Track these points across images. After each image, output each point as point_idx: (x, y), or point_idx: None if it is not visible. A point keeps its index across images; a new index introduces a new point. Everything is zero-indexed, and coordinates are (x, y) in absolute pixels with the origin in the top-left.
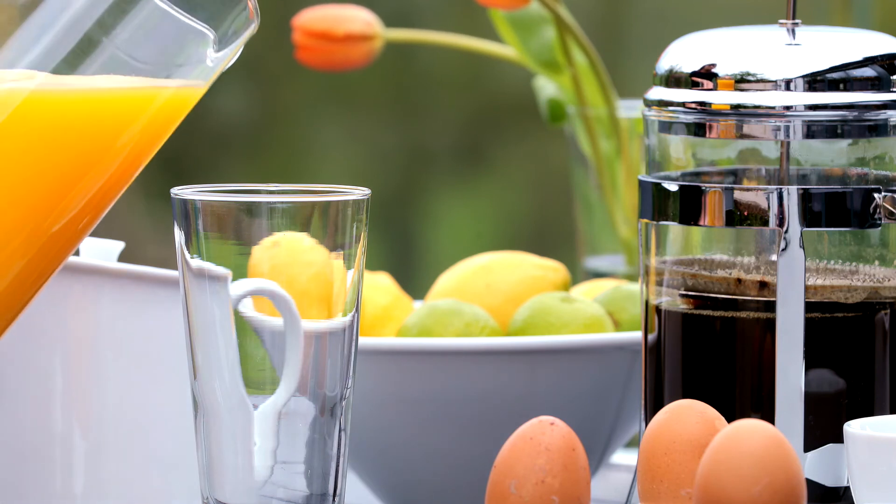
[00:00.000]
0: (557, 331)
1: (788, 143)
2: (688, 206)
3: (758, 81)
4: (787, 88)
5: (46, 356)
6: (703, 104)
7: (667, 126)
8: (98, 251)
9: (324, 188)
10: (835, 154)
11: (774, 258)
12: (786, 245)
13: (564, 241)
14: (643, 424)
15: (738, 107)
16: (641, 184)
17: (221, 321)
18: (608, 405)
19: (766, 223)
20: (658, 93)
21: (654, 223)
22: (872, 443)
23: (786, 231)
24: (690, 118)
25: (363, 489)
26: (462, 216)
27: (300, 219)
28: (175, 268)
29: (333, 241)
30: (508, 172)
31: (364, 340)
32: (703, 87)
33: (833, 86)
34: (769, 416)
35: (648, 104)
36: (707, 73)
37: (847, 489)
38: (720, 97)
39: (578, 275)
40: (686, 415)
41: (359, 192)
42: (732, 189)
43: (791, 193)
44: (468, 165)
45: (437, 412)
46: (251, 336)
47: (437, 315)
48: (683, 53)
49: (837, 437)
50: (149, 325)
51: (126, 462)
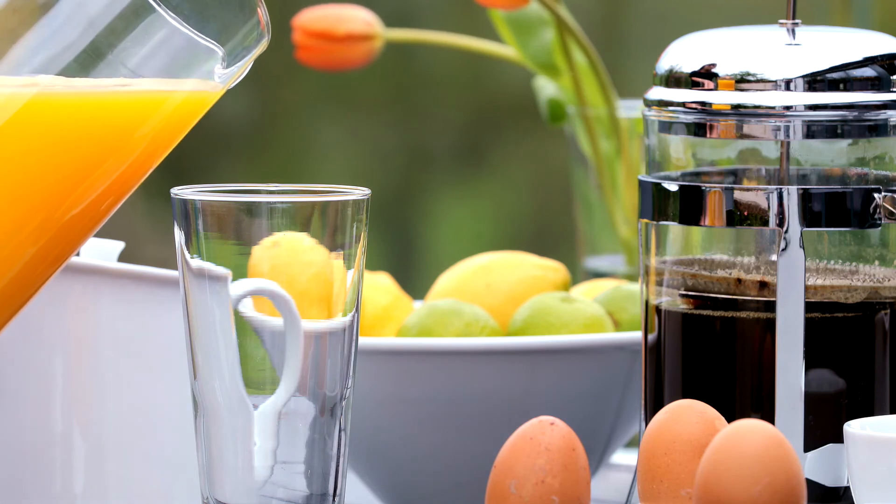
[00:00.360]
0: (557, 331)
1: (788, 143)
2: (688, 206)
3: (758, 81)
4: (787, 88)
5: (46, 356)
6: (703, 104)
7: (667, 126)
8: (98, 251)
9: (324, 188)
10: (835, 154)
11: (774, 258)
12: (786, 245)
13: (564, 241)
14: (643, 424)
15: (738, 107)
16: (641, 184)
17: (221, 321)
18: (608, 405)
19: (766, 223)
20: (658, 93)
21: (654, 223)
22: (872, 443)
23: (786, 231)
24: (690, 118)
25: (363, 489)
26: (462, 216)
27: (300, 219)
28: (175, 268)
29: (333, 241)
30: (508, 172)
31: (364, 340)
32: (704, 87)
33: (833, 86)
34: (769, 416)
35: (648, 104)
36: (707, 73)
37: (847, 489)
38: (720, 97)
39: (578, 275)
40: (686, 415)
41: (359, 192)
42: (732, 189)
43: (791, 193)
44: (468, 165)
45: (437, 412)
46: (251, 336)
47: (437, 315)
48: (683, 53)
49: (837, 437)
50: (149, 325)
51: (126, 462)
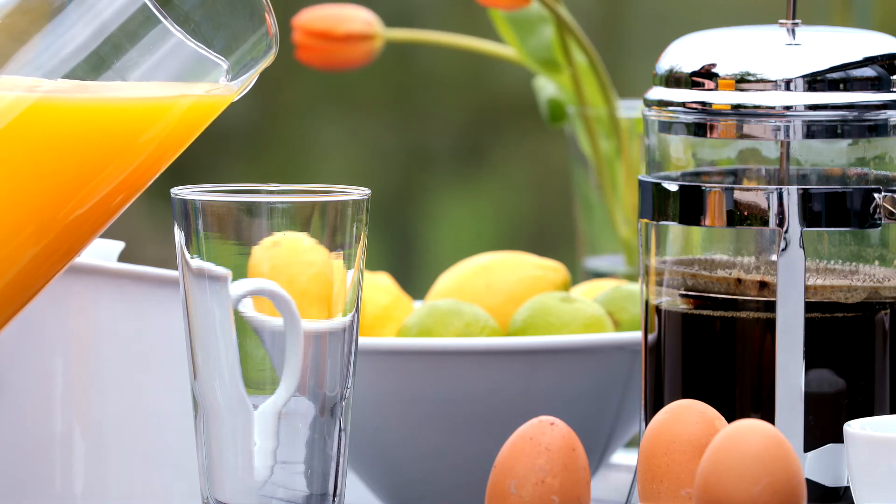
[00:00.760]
0: (557, 331)
1: (788, 143)
2: (688, 206)
3: (758, 81)
4: (787, 88)
5: (46, 356)
6: (703, 104)
7: (667, 126)
8: (98, 251)
9: (324, 188)
10: (835, 154)
11: (774, 258)
12: (786, 245)
13: (564, 241)
14: (643, 424)
15: (738, 107)
16: (641, 184)
17: (221, 321)
18: (608, 405)
19: (766, 223)
20: (658, 93)
21: (654, 223)
22: (872, 443)
23: (786, 231)
24: (690, 118)
25: (363, 489)
26: (462, 216)
27: (300, 219)
28: (175, 268)
29: (333, 241)
30: (508, 172)
31: (364, 340)
32: (704, 87)
33: (833, 86)
34: (769, 416)
35: (648, 104)
36: (707, 73)
37: (847, 489)
38: (720, 97)
39: (578, 275)
40: (686, 415)
41: (359, 192)
42: (732, 189)
43: (791, 193)
44: (468, 165)
45: (438, 412)
46: (251, 336)
47: (437, 315)
48: (683, 53)
49: (837, 437)
50: (149, 325)
51: (126, 462)
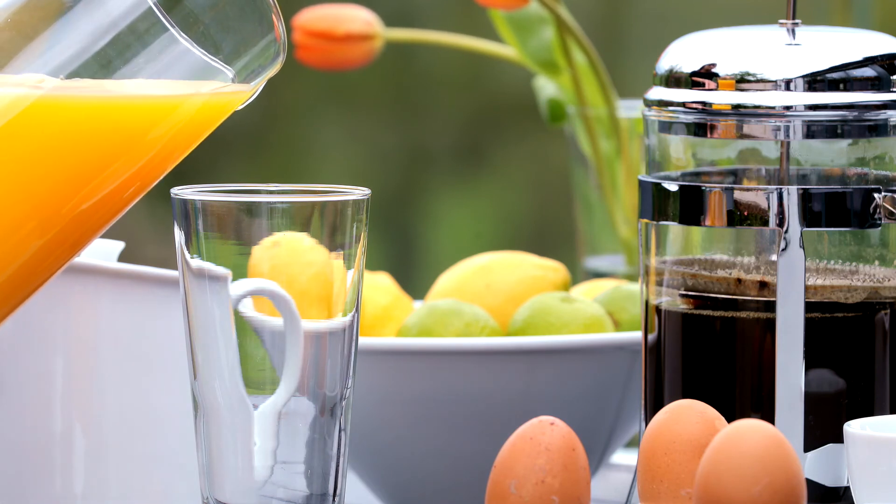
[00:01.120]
0: (557, 331)
1: (788, 143)
2: (688, 206)
3: (758, 81)
4: (787, 88)
5: (46, 356)
6: (704, 104)
7: (667, 126)
8: (98, 251)
9: (324, 188)
10: (835, 154)
11: (774, 258)
12: (786, 245)
13: (564, 241)
14: (643, 424)
15: (738, 107)
16: (641, 184)
17: (221, 321)
18: (608, 405)
19: (766, 223)
20: (658, 93)
21: (654, 223)
22: (872, 443)
23: (786, 231)
24: (690, 118)
25: (363, 489)
26: (462, 216)
27: (300, 219)
28: (175, 268)
29: (333, 241)
30: (508, 172)
31: (364, 340)
32: (704, 87)
33: (833, 86)
34: (769, 416)
35: (648, 104)
36: (707, 73)
37: (847, 489)
38: (720, 97)
39: (578, 275)
40: (686, 415)
41: (359, 192)
42: (732, 189)
43: (791, 193)
44: (468, 165)
45: (438, 412)
46: (251, 336)
47: (437, 315)
48: (683, 53)
49: (837, 437)
50: (149, 325)
51: (126, 462)
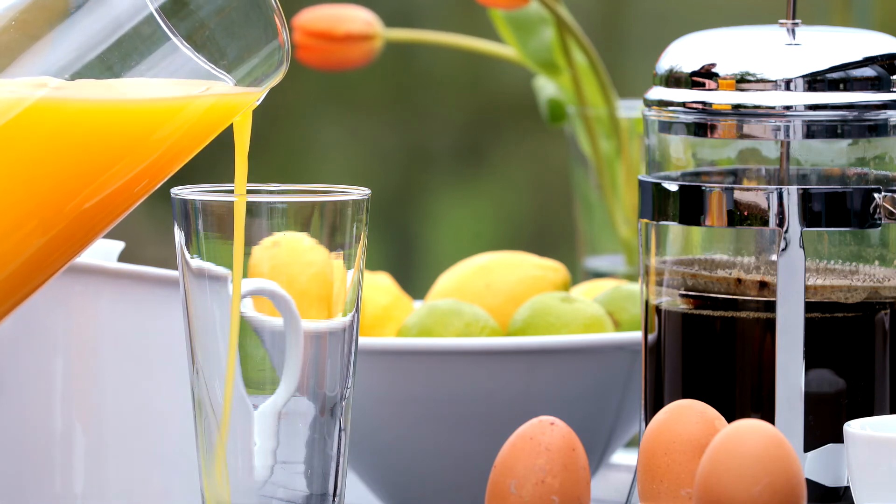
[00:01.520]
0: (557, 331)
1: (788, 143)
2: (688, 206)
3: (758, 81)
4: (787, 88)
5: (47, 356)
6: (704, 104)
7: (667, 126)
8: (98, 251)
9: (324, 188)
10: (835, 154)
11: (774, 258)
12: (786, 245)
13: (564, 241)
14: (643, 424)
15: (738, 107)
16: (641, 184)
17: (221, 321)
18: (608, 405)
19: (766, 223)
20: (658, 93)
21: (654, 223)
22: (872, 443)
23: (786, 231)
24: (690, 118)
25: (363, 489)
26: (462, 216)
27: (300, 219)
28: (175, 268)
29: (333, 241)
30: (508, 172)
31: (364, 340)
32: (704, 87)
33: (833, 86)
34: (769, 416)
35: (648, 104)
36: (707, 73)
37: (847, 489)
38: (720, 97)
39: (578, 275)
40: (686, 415)
41: (359, 192)
42: (732, 189)
43: (791, 193)
44: (468, 165)
45: (437, 412)
46: (251, 336)
47: (437, 315)
48: (683, 53)
49: (837, 437)
50: (149, 325)
51: (126, 462)
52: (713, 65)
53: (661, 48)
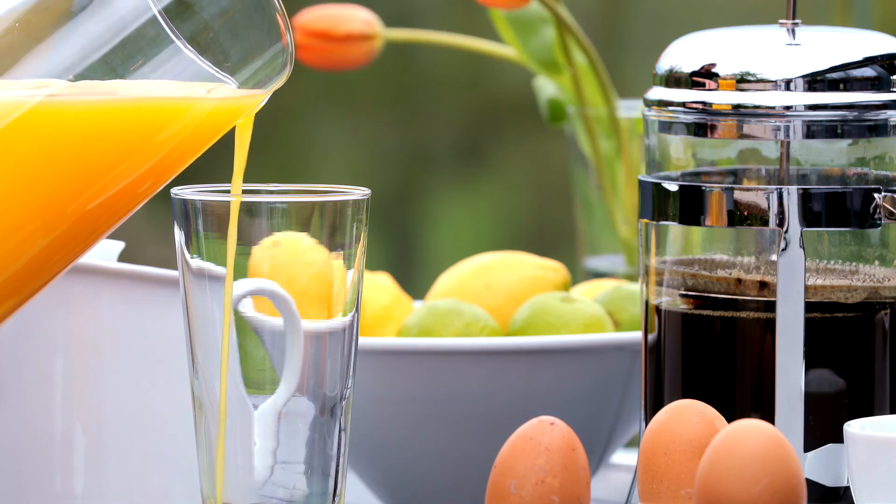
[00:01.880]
0: (557, 331)
1: (788, 143)
2: (688, 206)
3: (758, 81)
4: (787, 88)
5: (47, 356)
6: (704, 104)
7: (667, 126)
8: (98, 251)
9: (324, 188)
10: (835, 154)
11: (774, 258)
12: (786, 245)
13: (564, 241)
14: (643, 424)
15: (738, 107)
16: (641, 184)
17: (221, 321)
18: (608, 405)
19: (766, 223)
20: (658, 93)
21: (654, 223)
22: (872, 443)
23: (786, 231)
24: (690, 118)
25: (363, 489)
26: (462, 216)
27: (300, 219)
28: (175, 268)
29: (333, 241)
30: (508, 172)
31: (364, 340)
32: (704, 87)
33: (833, 86)
34: (769, 416)
35: (648, 104)
36: (707, 73)
37: (847, 489)
38: (720, 97)
39: (578, 275)
40: (686, 415)
41: (359, 192)
42: (732, 189)
43: (791, 193)
44: (468, 165)
45: (437, 412)
46: (251, 336)
47: (437, 315)
48: (683, 53)
49: (837, 437)
50: (149, 325)
51: (126, 462)
52: (713, 65)
53: (661, 48)
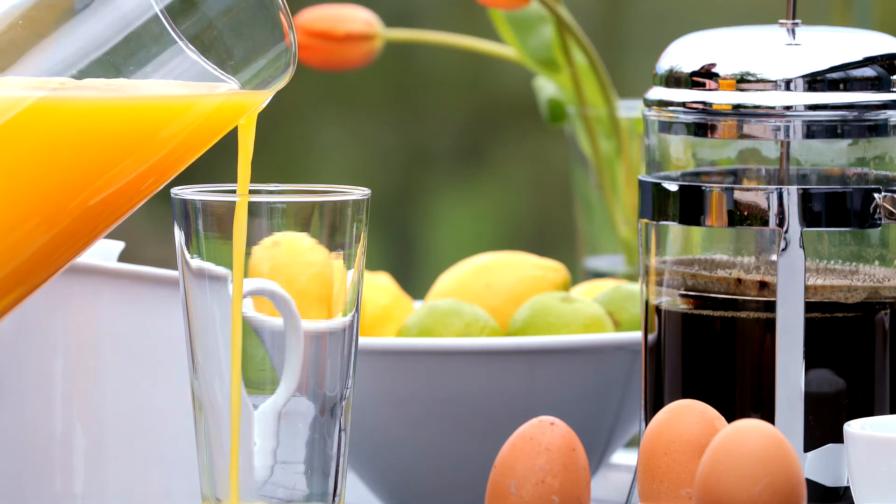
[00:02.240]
0: (557, 331)
1: (788, 143)
2: (688, 206)
3: (758, 81)
4: (787, 88)
5: (46, 356)
6: (704, 104)
7: (667, 126)
8: (98, 251)
9: (324, 188)
10: (835, 154)
11: (774, 258)
12: (786, 245)
13: (564, 241)
14: (643, 424)
15: (738, 107)
16: (641, 184)
17: (221, 321)
18: (608, 405)
19: (766, 223)
20: (658, 93)
21: (654, 223)
22: (872, 443)
23: (786, 231)
24: (690, 118)
25: (363, 489)
26: (462, 216)
27: (300, 219)
28: (175, 268)
29: (333, 241)
30: (508, 172)
31: (364, 340)
32: (704, 87)
33: (833, 86)
34: (769, 416)
35: (648, 104)
36: (707, 73)
37: (847, 489)
38: (720, 97)
39: (578, 275)
40: (686, 415)
41: (359, 192)
42: (732, 189)
43: (791, 193)
44: (468, 165)
45: (438, 412)
46: (251, 336)
47: (437, 315)
48: (683, 53)
49: (837, 437)
50: (149, 325)
51: (126, 462)
52: (713, 65)
53: (661, 48)
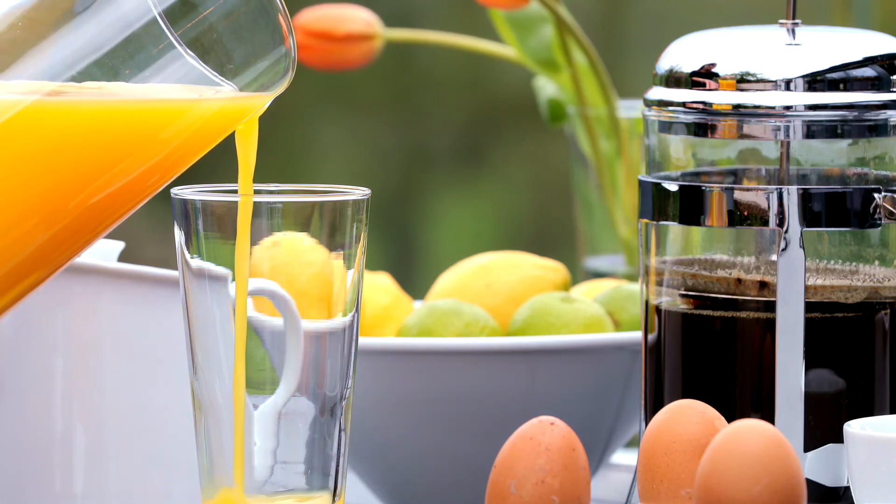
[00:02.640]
0: (557, 331)
1: (788, 143)
2: (688, 206)
3: (758, 81)
4: (787, 88)
5: (47, 356)
6: (704, 104)
7: (667, 126)
8: (98, 251)
9: (324, 188)
10: (835, 154)
11: (774, 258)
12: (786, 245)
13: (564, 241)
14: (643, 424)
15: (738, 107)
16: (641, 184)
17: (221, 321)
18: (608, 405)
19: (766, 223)
20: (658, 93)
21: (654, 223)
22: (872, 443)
23: (786, 231)
24: (690, 118)
25: (363, 489)
26: (462, 216)
27: (300, 219)
28: (175, 268)
29: (333, 241)
30: (508, 172)
31: (364, 340)
32: (704, 87)
33: (833, 86)
34: (769, 416)
35: (648, 104)
36: (707, 73)
37: (847, 489)
38: (720, 97)
39: (578, 275)
40: (686, 415)
41: (359, 192)
42: (732, 189)
43: (791, 193)
44: (468, 165)
45: (438, 412)
46: (251, 336)
47: (437, 315)
48: (683, 53)
49: (837, 437)
50: (149, 325)
51: (126, 462)
52: (713, 65)
53: (661, 48)
